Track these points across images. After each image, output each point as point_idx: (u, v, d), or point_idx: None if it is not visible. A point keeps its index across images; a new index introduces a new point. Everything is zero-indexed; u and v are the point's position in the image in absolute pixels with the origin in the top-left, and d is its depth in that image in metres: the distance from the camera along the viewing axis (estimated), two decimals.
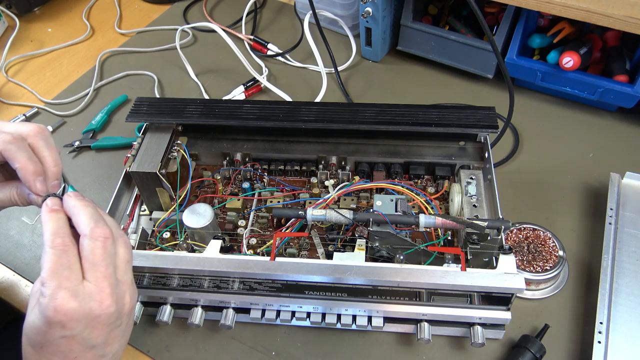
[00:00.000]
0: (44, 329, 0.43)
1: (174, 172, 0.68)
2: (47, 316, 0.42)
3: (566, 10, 0.76)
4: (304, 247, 0.68)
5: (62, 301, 0.42)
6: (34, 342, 0.44)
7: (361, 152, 0.74)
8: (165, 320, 0.63)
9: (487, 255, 0.60)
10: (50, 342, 0.43)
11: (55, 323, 0.42)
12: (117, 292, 0.45)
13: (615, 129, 0.86)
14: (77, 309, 0.42)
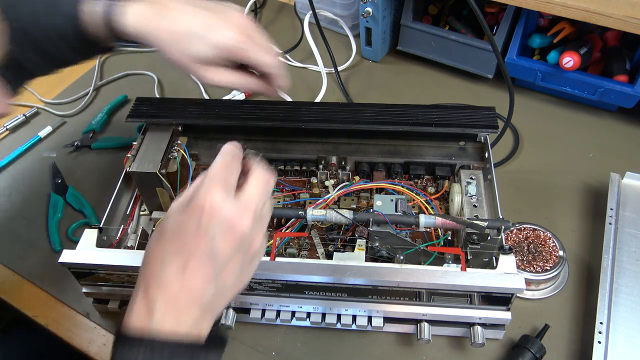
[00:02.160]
0: (185, 216, 0.45)
1: (174, 172, 0.68)
2: (196, 203, 0.45)
3: (566, 10, 0.76)
4: (304, 247, 0.68)
5: (215, 196, 0.45)
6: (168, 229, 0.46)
7: (361, 152, 0.74)
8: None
9: (487, 255, 0.60)
10: (182, 232, 0.45)
11: (199, 211, 0.44)
12: (255, 225, 0.47)
13: (615, 129, 0.86)
14: (223, 208, 0.45)
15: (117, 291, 0.63)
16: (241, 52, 0.58)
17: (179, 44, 0.58)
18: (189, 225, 0.45)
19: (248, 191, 0.47)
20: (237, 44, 0.57)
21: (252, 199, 0.47)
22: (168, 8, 0.59)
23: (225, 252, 0.45)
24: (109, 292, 0.64)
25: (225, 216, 0.45)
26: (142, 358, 0.42)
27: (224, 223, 0.45)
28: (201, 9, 0.59)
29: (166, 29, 0.58)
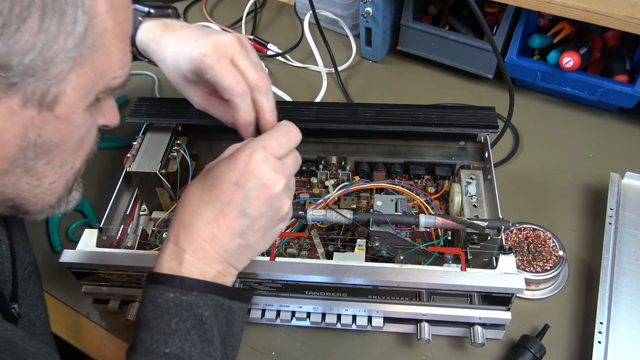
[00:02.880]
0: (227, 169, 0.49)
1: (174, 172, 0.68)
2: (240, 158, 0.49)
3: (566, 10, 0.76)
4: (304, 247, 0.68)
5: (258, 155, 0.49)
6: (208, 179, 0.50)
7: (361, 152, 0.74)
8: None
9: (487, 255, 0.60)
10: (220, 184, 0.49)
11: (240, 166, 0.48)
12: (286, 190, 0.51)
13: (615, 129, 0.86)
14: (263, 167, 0.49)
15: (117, 291, 0.63)
16: (206, 71, 0.56)
17: (170, 62, 0.60)
18: (228, 178, 0.48)
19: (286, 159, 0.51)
20: (204, 59, 0.55)
21: (289, 165, 0.51)
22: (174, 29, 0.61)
23: (256, 209, 0.49)
24: (109, 292, 0.64)
25: (263, 176, 0.48)
26: (173, 295, 0.46)
27: (259, 180, 0.48)
28: (199, 30, 0.60)
29: (165, 46, 0.61)
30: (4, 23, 0.34)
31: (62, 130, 0.41)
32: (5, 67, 0.35)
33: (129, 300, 0.64)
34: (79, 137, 0.43)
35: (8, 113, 0.37)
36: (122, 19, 0.42)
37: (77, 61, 0.38)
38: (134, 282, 0.62)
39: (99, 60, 0.40)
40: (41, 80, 0.37)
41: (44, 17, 0.35)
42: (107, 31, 0.40)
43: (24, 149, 0.39)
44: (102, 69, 0.41)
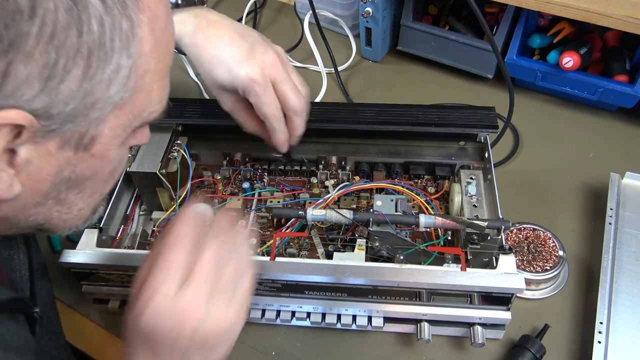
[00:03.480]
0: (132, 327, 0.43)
1: (174, 172, 0.68)
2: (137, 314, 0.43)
3: (566, 10, 0.76)
4: (304, 247, 0.68)
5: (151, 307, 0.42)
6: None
7: (361, 152, 0.74)
8: None
9: (487, 255, 0.60)
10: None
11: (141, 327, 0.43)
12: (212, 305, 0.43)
13: (615, 129, 0.86)
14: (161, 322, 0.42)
15: (117, 291, 0.63)
16: (251, 94, 0.60)
17: (206, 64, 0.61)
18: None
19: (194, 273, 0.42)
20: (253, 85, 0.59)
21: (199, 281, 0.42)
22: (209, 24, 0.62)
23: None
24: (109, 292, 0.64)
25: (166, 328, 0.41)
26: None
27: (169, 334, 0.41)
28: (239, 37, 0.61)
29: (200, 44, 0.61)
30: (49, 76, 0.33)
31: (95, 165, 0.40)
32: (46, 117, 0.34)
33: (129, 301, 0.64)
34: (111, 170, 0.43)
35: (45, 155, 0.37)
36: (165, 55, 0.41)
37: (117, 104, 0.38)
38: None
39: (138, 100, 0.39)
40: (80, 125, 0.36)
41: (89, 66, 0.34)
42: (149, 71, 0.39)
43: (57, 185, 0.39)
44: (141, 108, 0.40)
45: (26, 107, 0.33)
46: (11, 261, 0.52)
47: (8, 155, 0.35)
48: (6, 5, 0.30)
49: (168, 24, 0.40)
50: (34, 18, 0.31)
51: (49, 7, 0.31)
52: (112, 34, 0.35)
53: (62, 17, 0.32)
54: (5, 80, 0.32)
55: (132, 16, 0.36)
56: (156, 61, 0.39)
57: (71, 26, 0.33)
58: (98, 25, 0.34)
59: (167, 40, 0.40)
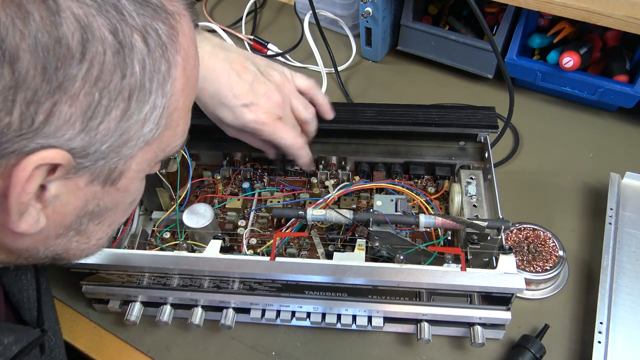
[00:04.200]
0: None
1: (174, 172, 0.68)
2: None
3: (566, 10, 0.76)
4: (304, 247, 0.68)
5: None
6: None
7: (361, 152, 0.74)
8: (165, 320, 0.63)
9: (487, 255, 0.60)
10: None
11: None
12: None
13: (615, 129, 0.86)
14: None
15: (117, 291, 0.63)
16: (263, 135, 0.62)
17: (209, 106, 0.62)
18: None
19: None
20: (260, 127, 0.61)
21: None
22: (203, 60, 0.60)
23: None
24: (109, 292, 0.64)
25: None
26: None
27: None
28: (236, 75, 0.61)
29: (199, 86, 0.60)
30: (91, 116, 0.33)
31: (118, 198, 0.41)
32: (83, 155, 0.34)
33: (129, 300, 0.64)
34: (131, 201, 0.43)
35: (73, 189, 0.37)
36: (192, 92, 0.41)
37: (148, 142, 0.38)
38: (134, 282, 0.62)
39: (166, 137, 0.40)
40: (111, 161, 0.37)
41: (129, 107, 0.35)
42: (178, 108, 0.39)
43: (80, 217, 0.40)
44: (167, 143, 0.41)
45: (65, 146, 0.33)
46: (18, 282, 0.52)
47: (38, 190, 0.35)
48: (58, 50, 0.30)
49: (196, 62, 0.41)
50: (83, 62, 0.31)
51: (98, 50, 0.32)
52: (152, 76, 0.35)
53: (109, 60, 0.33)
54: (49, 120, 0.32)
55: (170, 58, 0.36)
56: (184, 99, 0.40)
57: (116, 69, 0.33)
58: (140, 68, 0.34)
59: (195, 78, 0.41)
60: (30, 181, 0.33)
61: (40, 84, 0.30)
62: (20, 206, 0.34)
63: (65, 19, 0.30)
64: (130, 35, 0.33)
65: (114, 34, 0.32)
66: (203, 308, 0.63)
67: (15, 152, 0.32)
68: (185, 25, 0.38)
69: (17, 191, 0.33)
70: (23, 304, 0.52)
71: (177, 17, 0.37)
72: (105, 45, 0.32)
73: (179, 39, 0.37)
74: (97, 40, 0.32)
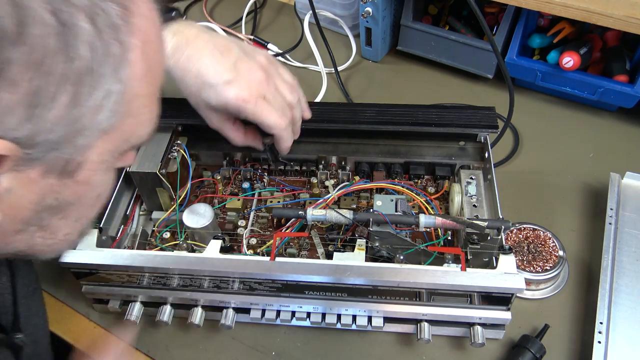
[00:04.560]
0: None
1: (174, 172, 0.68)
2: None
3: (566, 10, 0.76)
4: (304, 247, 0.68)
5: None
6: None
7: (361, 152, 0.74)
8: (165, 320, 0.63)
9: (487, 255, 0.60)
10: None
11: None
12: None
13: (615, 129, 0.86)
14: None
15: (117, 291, 0.63)
16: (245, 112, 0.60)
17: (192, 87, 0.61)
18: None
19: None
20: (242, 104, 0.59)
21: None
22: (189, 42, 0.60)
23: None
24: (109, 292, 0.64)
25: None
26: None
27: None
28: (220, 54, 0.60)
29: (182, 66, 0.61)
30: (34, 104, 0.31)
31: (80, 191, 0.39)
32: (30, 145, 0.32)
33: (129, 300, 0.64)
34: (97, 194, 0.41)
35: (26, 182, 0.35)
36: (156, 78, 0.39)
37: (105, 130, 0.36)
38: (134, 282, 0.62)
39: (127, 125, 0.37)
40: (65, 152, 0.35)
41: (78, 92, 0.32)
42: (139, 95, 0.37)
43: (39, 212, 0.38)
44: (129, 132, 0.38)
45: (8, 135, 0.31)
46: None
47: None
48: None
49: (159, 46, 0.39)
50: (21, 44, 0.29)
51: (37, 33, 0.30)
52: (103, 60, 0.33)
53: (51, 42, 0.30)
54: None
55: (124, 40, 0.34)
56: (147, 85, 0.37)
57: (60, 52, 0.31)
58: (88, 51, 0.32)
59: (158, 63, 0.39)
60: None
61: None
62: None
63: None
64: (74, 16, 0.31)
65: (55, 14, 0.30)
66: (203, 308, 0.63)
67: None
68: (142, 7, 0.36)
69: None
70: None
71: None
72: (45, 27, 0.30)
73: (134, 20, 0.34)
74: (36, 21, 0.29)
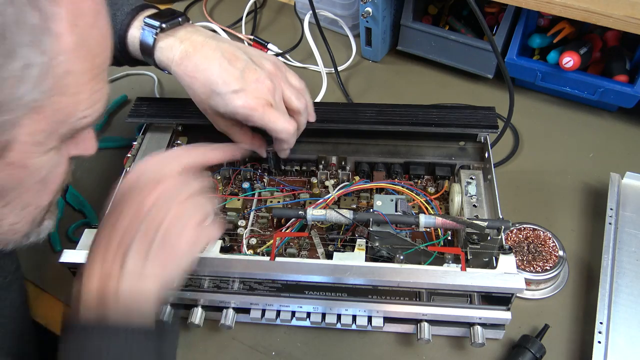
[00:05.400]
0: None
1: None
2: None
3: (566, 10, 0.76)
4: (304, 247, 0.68)
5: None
6: None
7: (361, 152, 0.74)
8: (165, 320, 0.63)
9: (487, 255, 0.60)
10: None
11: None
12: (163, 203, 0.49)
13: (615, 129, 0.86)
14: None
15: None
16: (253, 119, 0.61)
17: (200, 94, 0.62)
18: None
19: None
20: (250, 112, 0.60)
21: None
22: (195, 50, 0.61)
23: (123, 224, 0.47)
24: None
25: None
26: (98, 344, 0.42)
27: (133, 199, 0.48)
28: (227, 62, 0.60)
29: (190, 74, 0.61)
30: None
31: (16, 175, 0.37)
32: None
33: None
34: (39, 179, 0.39)
35: None
36: (94, 55, 0.37)
37: (31, 107, 0.33)
38: None
39: (61, 104, 0.35)
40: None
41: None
42: (72, 72, 0.35)
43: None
44: (65, 112, 0.36)
45: None
46: None
47: None
48: None
49: (98, 20, 0.37)
50: None
51: None
52: (16, 28, 0.31)
53: None
54: None
55: (44, 8, 0.32)
56: (82, 60, 0.35)
57: None
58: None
59: (97, 39, 0.37)
60: None
61: None
62: None
63: None
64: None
65: None
66: (203, 308, 0.63)
67: None
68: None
69: None
70: None
71: None
72: None
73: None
74: None
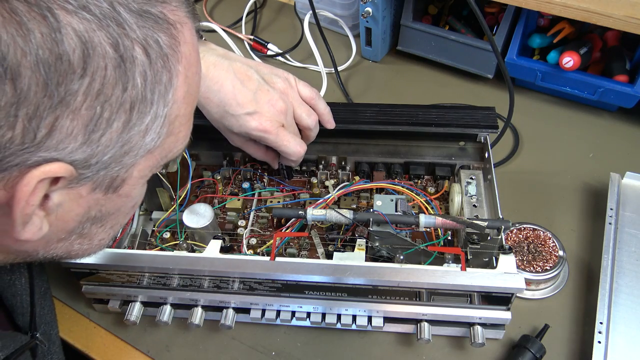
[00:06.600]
0: None
1: (174, 172, 0.68)
2: None
3: (566, 10, 0.76)
4: (304, 247, 0.68)
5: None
6: None
7: (361, 152, 0.74)
8: (165, 320, 0.63)
9: (487, 255, 0.60)
10: None
11: None
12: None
13: (615, 129, 0.86)
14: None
15: (117, 291, 0.63)
16: (266, 141, 0.63)
17: (214, 114, 0.63)
18: None
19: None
20: (263, 135, 0.62)
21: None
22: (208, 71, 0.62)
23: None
24: (109, 292, 0.64)
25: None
26: None
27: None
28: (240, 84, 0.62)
29: (203, 94, 0.62)
30: (92, 129, 0.33)
31: (120, 203, 0.42)
32: (85, 166, 0.35)
33: (129, 300, 0.64)
34: (133, 205, 0.44)
35: (76, 198, 0.37)
36: (194, 99, 0.42)
37: (149, 150, 0.39)
38: (134, 282, 0.62)
39: (167, 143, 0.40)
40: (113, 171, 0.37)
41: (130, 118, 0.35)
42: (179, 115, 0.40)
43: (82, 223, 0.40)
44: (169, 149, 0.42)
45: (67, 158, 0.34)
46: (12, 286, 0.53)
47: (41, 199, 0.35)
48: (59, 66, 0.30)
49: (198, 68, 0.41)
50: (85, 76, 0.32)
51: (99, 65, 0.32)
52: (153, 87, 0.35)
53: (111, 73, 0.33)
54: (51, 134, 0.32)
55: (172, 68, 0.37)
56: (186, 106, 0.40)
57: (118, 82, 0.33)
58: (142, 80, 0.34)
59: (196, 84, 0.41)
60: (34, 194, 0.33)
61: (42, 99, 0.31)
62: (25, 217, 0.35)
63: (65, 35, 0.30)
64: (131, 48, 0.33)
65: (115, 47, 0.32)
66: (203, 308, 0.63)
67: (18, 165, 0.32)
68: (187, 34, 0.38)
69: (21, 205, 0.33)
70: (16, 308, 0.52)
71: (179, 27, 0.37)
72: (106, 60, 0.32)
73: (180, 48, 0.37)
74: (98, 55, 0.32)
